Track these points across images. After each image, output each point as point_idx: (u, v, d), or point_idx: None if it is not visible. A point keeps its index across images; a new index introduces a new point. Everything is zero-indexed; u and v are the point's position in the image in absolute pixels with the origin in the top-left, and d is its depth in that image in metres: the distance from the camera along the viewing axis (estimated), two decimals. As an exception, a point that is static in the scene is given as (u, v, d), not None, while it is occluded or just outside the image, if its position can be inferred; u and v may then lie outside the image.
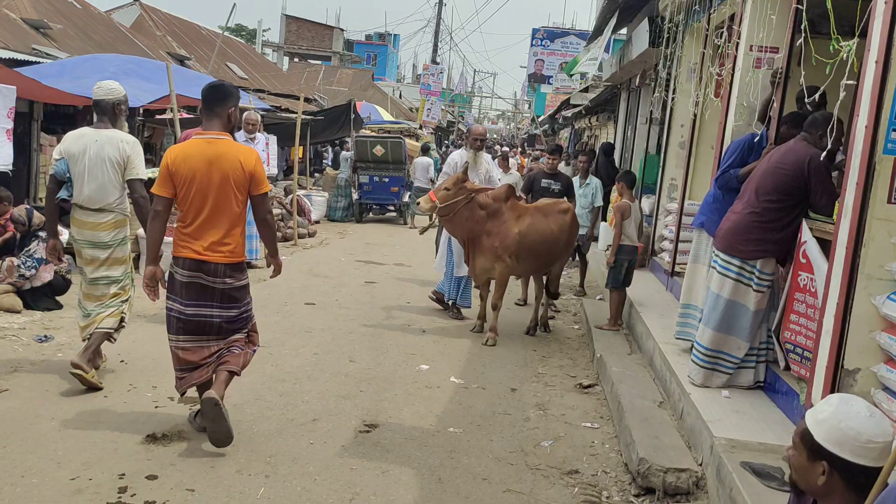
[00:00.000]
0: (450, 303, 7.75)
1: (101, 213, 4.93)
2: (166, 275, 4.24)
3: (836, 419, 2.01)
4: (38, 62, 10.16)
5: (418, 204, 6.75)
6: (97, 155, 4.86)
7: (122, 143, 4.93)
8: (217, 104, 4.16)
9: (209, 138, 4.11)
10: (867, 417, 2.00)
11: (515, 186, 7.68)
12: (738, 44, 6.04)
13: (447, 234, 7.49)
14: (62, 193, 4.99)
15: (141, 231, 5.75)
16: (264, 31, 46.31)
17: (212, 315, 4.13)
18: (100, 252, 4.97)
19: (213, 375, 4.18)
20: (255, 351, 4.43)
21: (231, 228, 4.12)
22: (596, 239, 11.14)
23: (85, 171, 4.87)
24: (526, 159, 23.26)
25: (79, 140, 4.92)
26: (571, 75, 20.50)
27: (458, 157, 7.88)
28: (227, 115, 4.19)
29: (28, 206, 7.50)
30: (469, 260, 6.88)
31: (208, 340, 4.18)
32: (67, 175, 4.94)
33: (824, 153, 4.26)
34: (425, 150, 20.64)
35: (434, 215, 6.83)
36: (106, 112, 4.98)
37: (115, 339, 5.13)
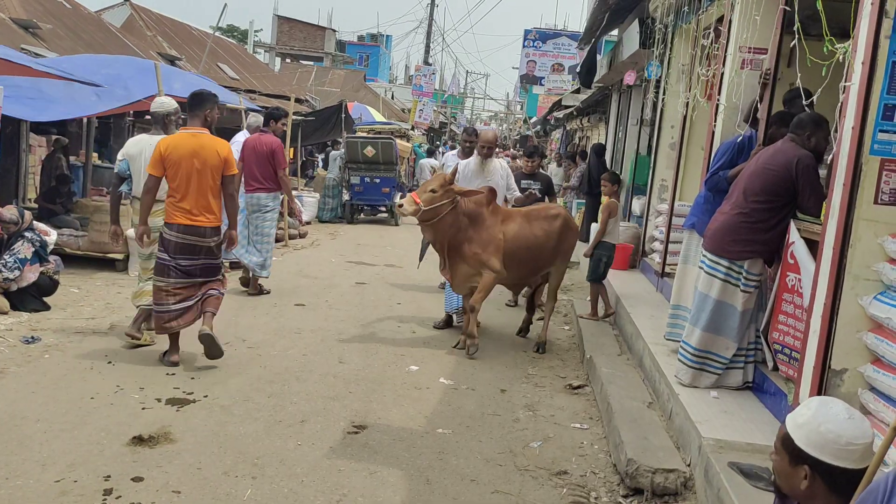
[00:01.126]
0: (454, 315, 7.24)
1: (155, 203, 5.67)
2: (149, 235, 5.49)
3: (816, 422, 1.99)
4: (27, 62, 10.07)
5: (401, 206, 6.03)
6: (150, 156, 5.65)
7: None
8: (197, 107, 5.42)
9: (193, 132, 5.37)
10: (846, 420, 1.98)
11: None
12: (726, 45, 6.06)
13: None
14: (123, 188, 6.00)
15: (130, 232, 6.16)
16: (256, 31, 46.21)
17: (197, 264, 5.42)
18: (155, 234, 5.72)
19: (201, 318, 5.41)
20: (223, 293, 5.66)
21: (212, 200, 5.39)
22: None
23: (142, 169, 5.72)
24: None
25: (137, 144, 5.95)
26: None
27: (459, 162, 7.14)
28: (204, 115, 5.44)
29: (19, 206, 7.46)
30: (447, 269, 6.39)
31: (195, 281, 5.44)
32: (128, 173, 5.92)
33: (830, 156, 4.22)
34: (431, 153, 20.56)
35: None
36: (158, 121, 5.99)
37: None
